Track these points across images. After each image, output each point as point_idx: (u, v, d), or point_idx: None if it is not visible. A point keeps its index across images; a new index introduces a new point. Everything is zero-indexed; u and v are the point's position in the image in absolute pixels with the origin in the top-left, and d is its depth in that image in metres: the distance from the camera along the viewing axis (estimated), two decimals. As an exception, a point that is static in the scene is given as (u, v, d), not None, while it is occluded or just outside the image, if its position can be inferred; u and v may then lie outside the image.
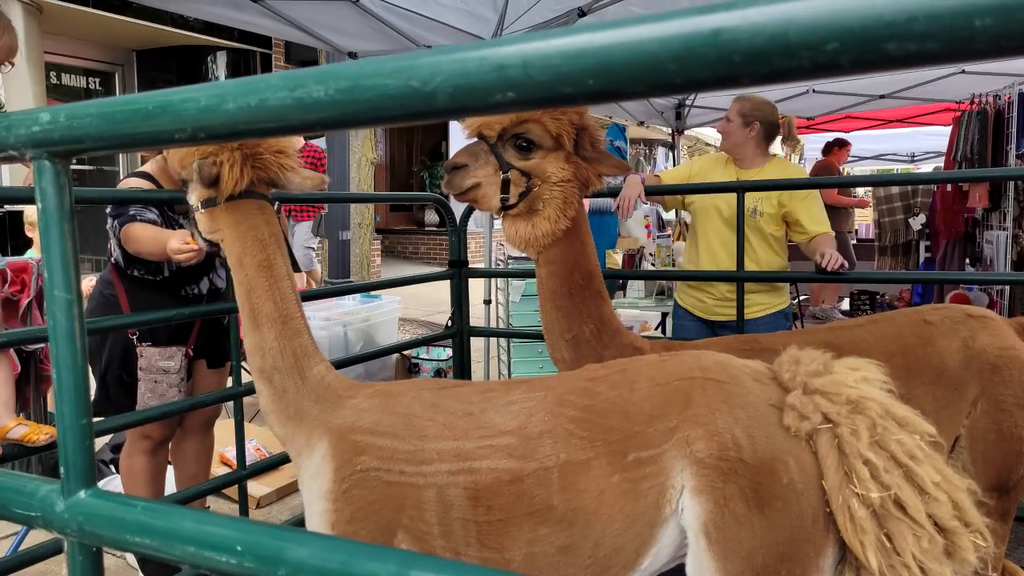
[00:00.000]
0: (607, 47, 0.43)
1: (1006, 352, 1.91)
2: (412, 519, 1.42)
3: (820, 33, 0.38)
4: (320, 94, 0.52)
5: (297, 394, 1.58)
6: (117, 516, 0.68)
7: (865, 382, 1.34)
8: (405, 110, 0.50)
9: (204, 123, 0.57)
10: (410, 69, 0.49)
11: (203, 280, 2.85)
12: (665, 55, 0.42)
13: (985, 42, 0.35)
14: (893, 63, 0.38)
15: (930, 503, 1.24)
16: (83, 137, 0.63)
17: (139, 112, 0.60)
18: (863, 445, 1.25)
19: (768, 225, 3.04)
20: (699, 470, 1.30)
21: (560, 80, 0.45)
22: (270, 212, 1.68)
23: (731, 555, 1.26)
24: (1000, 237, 4.85)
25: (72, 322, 0.70)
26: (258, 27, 3.97)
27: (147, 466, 2.86)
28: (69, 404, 0.70)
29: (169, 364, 2.67)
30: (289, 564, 0.59)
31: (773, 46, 0.39)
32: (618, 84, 0.44)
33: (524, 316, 5.00)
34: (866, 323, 2.15)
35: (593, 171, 1.95)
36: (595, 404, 1.44)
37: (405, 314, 7.83)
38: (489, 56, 0.47)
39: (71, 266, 0.70)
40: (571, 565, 1.37)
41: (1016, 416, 1.89)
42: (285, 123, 0.55)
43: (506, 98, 0.47)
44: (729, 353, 2.01)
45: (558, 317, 2.00)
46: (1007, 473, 1.91)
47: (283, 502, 3.90)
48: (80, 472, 0.72)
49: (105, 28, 8.15)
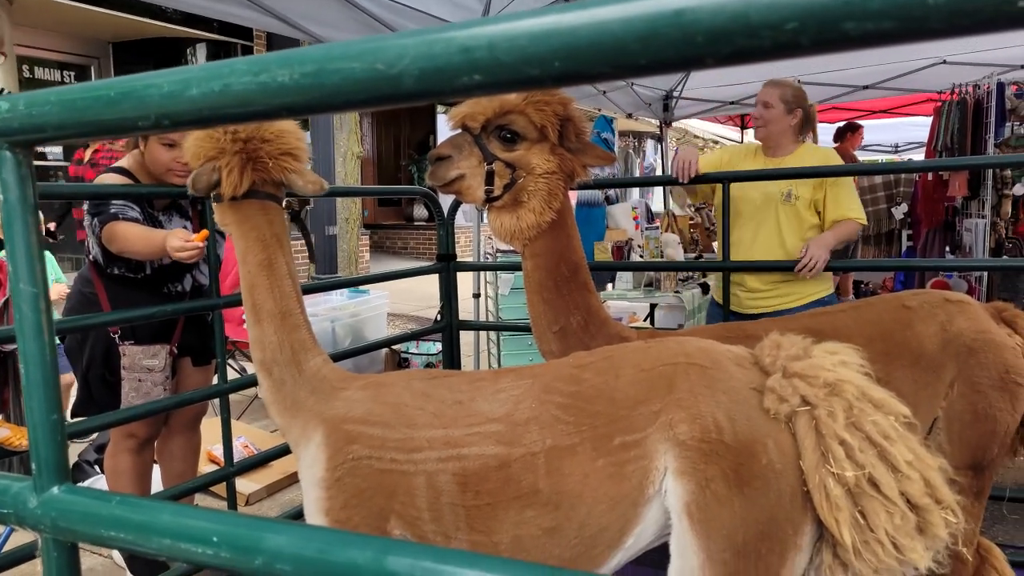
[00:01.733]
0: (573, 28, 0.43)
1: (982, 335, 1.94)
2: (403, 505, 1.47)
3: (781, 12, 0.38)
4: (285, 78, 0.51)
5: (294, 386, 1.64)
6: (92, 511, 0.67)
7: (843, 365, 1.37)
8: (371, 94, 0.50)
9: (168, 110, 0.57)
10: (375, 52, 0.49)
11: (186, 277, 2.82)
12: (629, 36, 0.42)
13: (940, 20, 0.35)
14: (852, 42, 0.38)
15: (903, 481, 1.27)
16: (44, 126, 0.62)
17: (101, 99, 0.59)
18: (839, 426, 1.28)
19: (804, 210, 2.95)
20: (682, 452, 1.33)
21: (526, 62, 0.45)
22: (274, 212, 1.71)
23: (713, 534, 1.29)
24: (979, 225, 4.90)
25: (39, 316, 0.69)
26: (239, 18, 3.93)
27: (132, 465, 2.84)
28: (39, 400, 0.69)
29: (153, 363, 2.65)
30: (266, 553, 0.59)
31: (735, 26, 0.39)
32: (584, 65, 0.44)
33: (513, 309, 5.01)
34: (847, 309, 2.18)
35: (578, 162, 1.94)
36: (581, 390, 1.46)
37: (394, 309, 7.81)
38: (455, 38, 0.46)
39: (36, 259, 0.69)
40: (557, 546, 1.40)
41: (991, 397, 1.92)
42: (250, 109, 0.54)
43: (473, 81, 0.47)
44: (714, 339, 2.03)
45: (545, 309, 2.00)
46: (982, 453, 1.94)
47: (272, 499, 3.89)
48: (52, 468, 0.71)
49: (80, 19, 8.04)
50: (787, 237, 2.99)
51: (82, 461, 3.88)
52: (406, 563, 0.55)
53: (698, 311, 4.83)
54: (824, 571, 1.35)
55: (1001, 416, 1.92)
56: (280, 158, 1.67)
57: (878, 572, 1.27)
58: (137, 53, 9.07)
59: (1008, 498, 2.71)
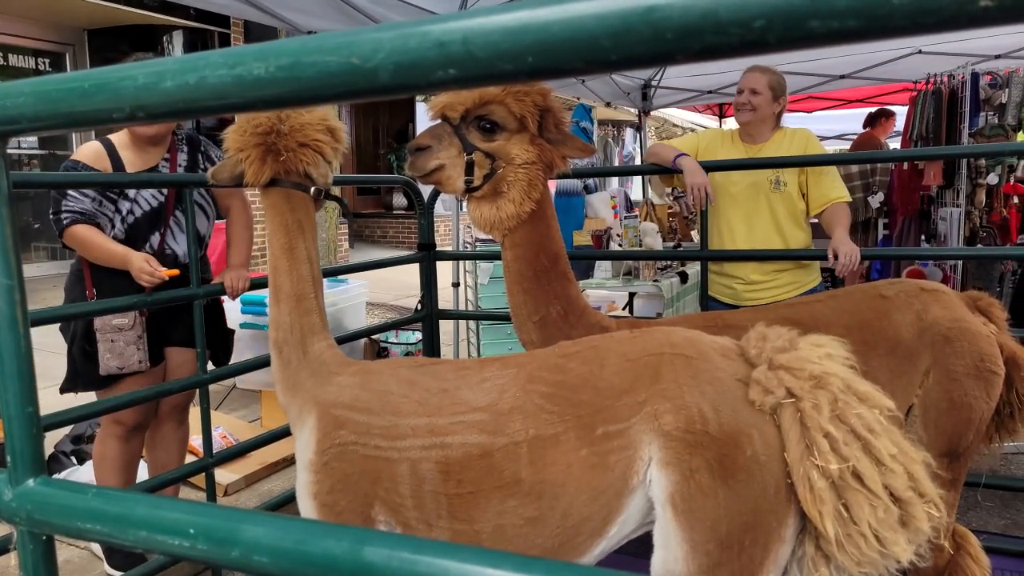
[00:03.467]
0: (546, 24, 0.44)
1: (957, 324, 1.98)
2: (387, 491, 1.49)
3: (749, 10, 0.38)
4: (260, 71, 0.51)
5: (297, 367, 1.71)
6: (68, 504, 0.67)
7: (828, 358, 1.37)
8: (347, 87, 0.50)
9: (143, 101, 0.56)
10: (351, 45, 0.49)
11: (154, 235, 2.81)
12: (601, 32, 0.42)
13: (903, 18, 0.36)
14: (817, 39, 0.39)
15: (886, 474, 1.27)
16: (17, 117, 0.61)
17: (75, 91, 0.58)
18: (824, 419, 1.28)
19: (796, 196, 2.94)
20: (666, 443, 1.33)
21: (500, 57, 0.45)
22: (297, 200, 1.80)
23: (697, 525, 1.30)
24: (953, 214, 4.97)
25: (14, 308, 0.68)
26: (216, 5, 3.88)
27: (118, 453, 2.83)
28: (14, 392, 0.69)
29: (123, 321, 2.65)
30: (243, 544, 0.59)
31: (704, 23, 0.40)
32: (557, 61, 0.44)
33: (493, 298, 5.01)
34: (825, 298, 2.20)
35: (558, 153, 1.94)
36: (566, 380, 1.46)
37: (373, 298, 7.77)
38: (430, 32, 0.47)
39: (11, 251, 0.68)
40: (539, 536, 1.41)
41: (966, 385, 1.95)
42: (225, 101, 0.54)
43: (448, 75, 0.47)
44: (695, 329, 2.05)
45: (525, 299, 2.01)
46: (957, 440, 1.98)
47: (251, 489, 3.87)
48: (27, 461, 0.70)
49: (54, 6, 7.87)
50: (784, 225, 2.97)
51: (58, 452, 3.84)
52: (383, 554, 0.55)
53: (677, 299, 4.86)
54: (807, 563, 1.36)
55: (976, 404, 1.95)
56: (298, 150, 1.76)
57: (860, 565, 1.28)
58: (112, 40, 8.89)
59: (983, 485, 2.76)
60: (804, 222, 3.01)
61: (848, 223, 2.91)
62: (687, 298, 5.01)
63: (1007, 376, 2.02)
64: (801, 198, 2.96)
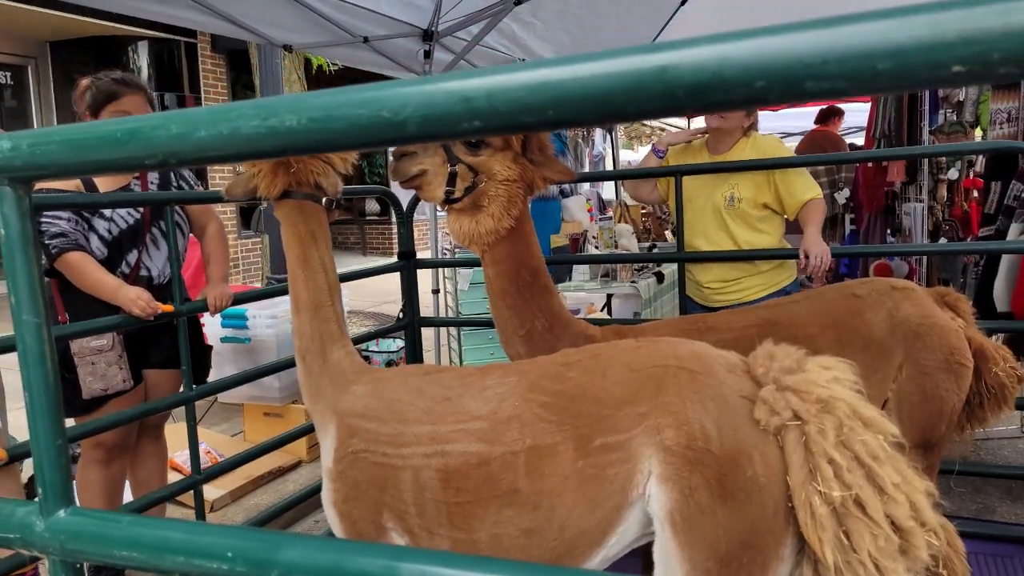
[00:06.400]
0: (565, 81, 0.48)
1: (927, 320, 2.06)
2: (393, 499, 1.51)
3: (752, 73, 0.43)
4: (293, 123, 0.55)
5: (319, 375, 1.75)
6: (103, 532, 0.70)
7: (836, 382, 1.35)
8: (376, 137, 0.54)
9: (175, 149, 0.59)
10: (380, 100, 0.52)
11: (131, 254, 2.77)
12: (617, 89, 0.47)
13: (886, 81, 0.41)
14: (811, 96, 0.43)
15: (889, 503, 1.25)
16: (48, 164, 0.64)
17: (108, 139, 0.61)
18: (829, 444, 1.27)
19: (751, 209, 3.02)
20: (667, 458, 1.32)
21: (522, 111, 0.49)
22: (310, 211, 1.84)
23: (696, 543, 1.29)
24: (917, 209, 5.12)
25: (42, 345, 0.71)
26: (189, 22, 3.84)
27: (100, 478, 2.79)
28: (44, 426, 0.71)
29: (101, 343, 2.62)
30: (280, 566, 0.62)
31: (712, 82, 0.44)
32: (575, 114, 0.49)
33: (473, 304, 5.03)
34: (800, 299, 2.28)
35: (539, 174, 1.97)
36: (565, 389, 1.46)
37: (352, 306, 7.76)
38: (455, 88, 0.51)
39: (37, 290, 0.70)
40: (536, 547, 1.41)
41: (937, 378, 2.03)
42: (258, 149, 0.57)
43: (472, 126, 0.51)
44: (676, 332, 2.10)
45: (510, 315, 2.04)
46: (930, 431, 2.06)
47: (238, 503, 3.86)
48: (58, 492, 0.73)
49: (14, 18, 7.72)
50: (740, 239, 3.06)
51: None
52: (416, 569, 0.59)
53: (654, 300, 4.94)
54: None
55: (947, 396, 2.03)
56: (308, 162, 1.79)
57: None
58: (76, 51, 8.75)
59: (956, 472, 2.86)
60: (769, 227, 3.09)
61: (822, 219, 3.00)
62: (664, 298, 5.10)
63: (976, 368, 2.10)
64: (760, 207, 3.04)
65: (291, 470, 4.21)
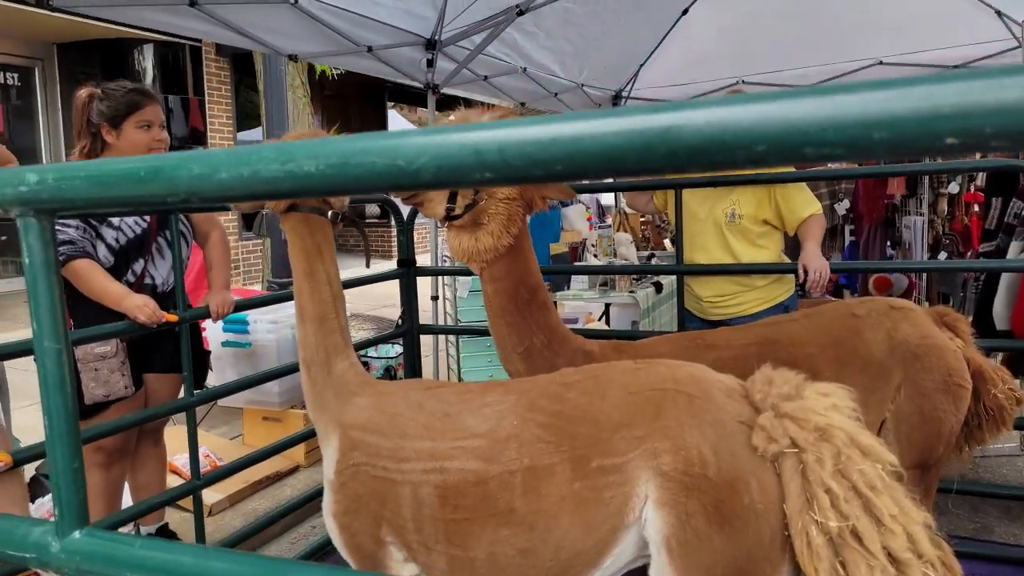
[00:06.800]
0: (574, 138, 0.50)
1: (925, 341, 2.06)
2: (392, 513, 1.52)
3: (753, 137, 0.45)
4: (311, 168, 0.57)
5: (323, 386, 1.77)
6: (116, 555, 0.72)
7: (834, 409, 1.34)
8: (390, 184, 0.56)
9: (197, 188, 0.61)
10: (396, 149, 0.55)
11: (137, 262, 2.80)
12: (624, 146, 0.49)
13: (882, 149, 0.43)
14: (808, 160, 0.46)
15: (886, 535, 1.24)
16: (73, 199, 0.66)
17: (131, 176, 0.63)
18: (826, 473, 1.26)
19: (752, 225, 3.04)
20: (663, 483, 1.32)
21: (532, 164, 0.51)
22: (316, 224, 1.86)
23: (692, 569, 1.30)
24: (917, 222, 5.15)
25: (62, 370, 0.73)
26: (195, 32, 3.86)
27: (101, 482, 2.82)
28: (62, 450, 0.73)
29: (105, 349, 2.64)
30: (290, 592, 0.64)
31: (713, 145, 0.46)
32: (582, 168, 0.51)
33: (472, 311, 5.05)
34: (800, 318, 2.28)
35: (539, 193, 1.99)
36: (564, 410, 1.46)
37: (351, 310, 7.77)
38: (468, 141, 0.53)
39: (58, 318, 0.73)
40: (531, 567, 1.41)
41: (935, 399, 2.03)
42: (276, 190, 0.60)
43: (484, 177, 0.53)
44: (675, 349, 2.11)
45: (509, 332, 2.05)
46: (928, 452, 2.07)
47: (235, 508, 3.87)
48: (74, 513, 0.75)
49: (22, 21, 7.77)
50: (740, 255, 3.09)
51: (39, 475, 3.80)
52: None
53: (652, 309, 4.97)
54: None
55: (945, 417, 2.03)
56: None
57: None
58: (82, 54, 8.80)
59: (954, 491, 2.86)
60: (768, 242, 3.11)
61: (821, 234, 3.03)
62: (662, 307, 5.12)
63: (974, 389, 2.11)
64: (760, 223, 3.06)
65: (289, 475, 4.23)
